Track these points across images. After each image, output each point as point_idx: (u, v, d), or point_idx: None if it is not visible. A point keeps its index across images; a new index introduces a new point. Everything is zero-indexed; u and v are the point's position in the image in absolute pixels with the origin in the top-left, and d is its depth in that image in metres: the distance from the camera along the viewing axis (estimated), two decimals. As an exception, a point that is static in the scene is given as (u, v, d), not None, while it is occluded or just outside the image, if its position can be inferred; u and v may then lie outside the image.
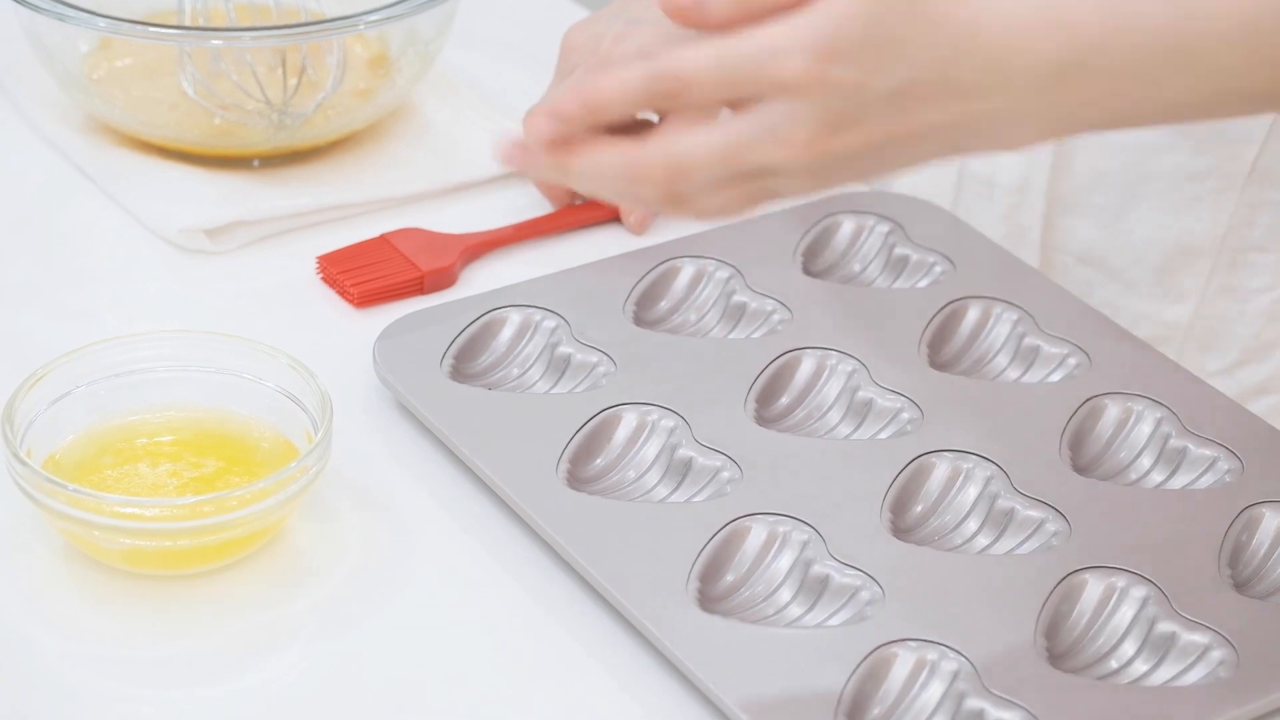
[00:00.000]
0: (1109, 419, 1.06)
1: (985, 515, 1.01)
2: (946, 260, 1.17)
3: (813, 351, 1.09)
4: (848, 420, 1.07)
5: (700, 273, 1.15)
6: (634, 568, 0.95)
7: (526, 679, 0.93)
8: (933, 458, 1.03)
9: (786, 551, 0.98)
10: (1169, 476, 1.04)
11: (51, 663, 0.93)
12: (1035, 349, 1.11)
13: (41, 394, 0.99)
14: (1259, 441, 1.04)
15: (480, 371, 1.09)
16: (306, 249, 1.19)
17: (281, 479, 0.95)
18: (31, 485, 0.95)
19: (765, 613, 0.96)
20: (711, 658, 0.91)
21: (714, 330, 1.13)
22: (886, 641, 0.92)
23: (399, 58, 1.29)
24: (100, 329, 1.03)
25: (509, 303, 1.11)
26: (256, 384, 1.02)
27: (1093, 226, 1.24)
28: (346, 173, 1.25)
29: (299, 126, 1.24)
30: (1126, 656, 0.94)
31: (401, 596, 0.97)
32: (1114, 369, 1.09)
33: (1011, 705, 0.89)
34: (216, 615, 0.95)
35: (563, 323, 1.10)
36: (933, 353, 1.11)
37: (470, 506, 1.02)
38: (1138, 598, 0.95)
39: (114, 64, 1.28)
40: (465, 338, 1.09)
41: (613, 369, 1.07)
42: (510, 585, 0.98)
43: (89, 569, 0.97)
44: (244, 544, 0.96)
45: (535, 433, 1.03)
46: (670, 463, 1.03)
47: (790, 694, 0.90)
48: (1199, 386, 1.08)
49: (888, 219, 1.20)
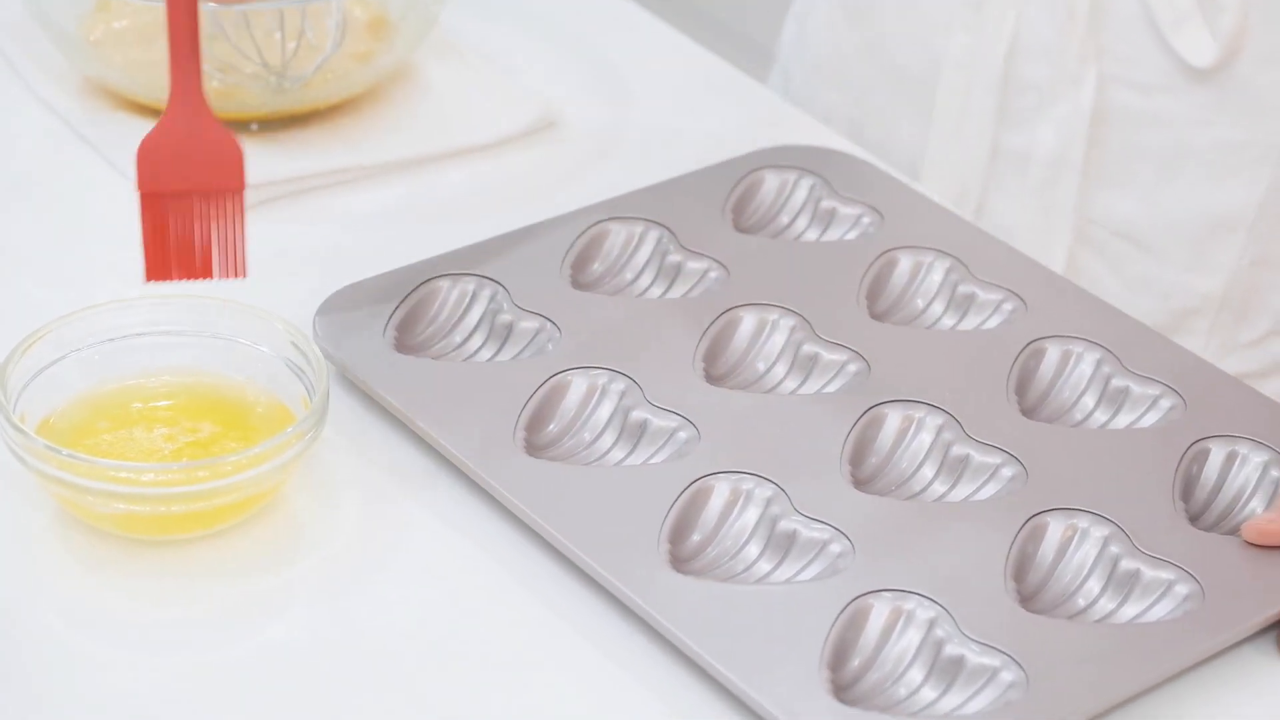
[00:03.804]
0: (1050, 361, 1.08)
1: (940, 463, 1.02)
2: (873, 211, 1.18)
3: (753, 308, 1.10)
4: (794, 375, 1.08)
5: (632, 234, 1.15)
6: (604, 533, 0.96)
7: (509, 647, 0.93)
8: (884, 408, 1.04)
9: (751, 508, 0.98)
10: (1113, 416, 1.06)
11: (44, 627, 0.93)
12: (970, 296, 1.12)
13: (36, 358, 0.98)
14: (1199, 377, 1.06)
15: (422, 342, 1.08)
16: (305, 213, 1.18)
17: (277, 444, 0.94)
18: (25, 450, 0.94)
19: (735, 570, 0.96)
20: (693, 620, 0.91)
21: (650, 290, 1.13)
22: (862, 593, 0.93)
23: (399, 20, 1.28)
24: (96, 293, 1.02)
25: (445, 271, 1.11)
26: (253, 348, 1.01)
27: (1128, 200, 1.25)
28: (345, 137, 1.24)
29: (297, 90, 1.22)
30: (1093, 595, 0.96)
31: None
32: (1050, 312, 1.10)
33: (991, 650, 0.91)
34: (210, 581, 0.95)
35: (501, 289, 1.10)
36: (870, 304, 1.12)
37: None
38: (1099, 537, 0.97)
39: (111, 26, 1.27)
40: (405, 308, 1.09)
41: (556, 334, 1.07)
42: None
43: (83, 534, 0.96)
44: (238, 509, 0.96)
45: (488, 402, 1.03)
46: (625, 425, 1.03)
47: (774, 651, 0.90)
48: (1135, 326, 1.10)
49: (811, 172, 1.20)
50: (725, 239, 1.15)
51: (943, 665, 0.91)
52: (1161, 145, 1.22)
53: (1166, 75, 1.20)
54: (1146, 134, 1.22)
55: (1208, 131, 1.21)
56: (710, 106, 1.32)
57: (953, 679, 0.91)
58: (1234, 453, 1.02)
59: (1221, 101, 1.21)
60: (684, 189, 1.19)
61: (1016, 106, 1.25)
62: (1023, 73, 1.24)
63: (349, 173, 1.22)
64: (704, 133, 1.27)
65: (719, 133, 1.27)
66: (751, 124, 1.29)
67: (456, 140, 1.24)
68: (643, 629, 0.94)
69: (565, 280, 1.12)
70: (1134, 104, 1.21)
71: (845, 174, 1.21)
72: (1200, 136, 1.21)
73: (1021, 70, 1.24)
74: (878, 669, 0.92)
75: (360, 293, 1.09)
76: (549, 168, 1.25)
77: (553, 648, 0.93)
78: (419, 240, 1.14)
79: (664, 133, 1.28)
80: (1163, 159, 1.23)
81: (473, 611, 0.95)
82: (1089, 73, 1.21)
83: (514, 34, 1.36)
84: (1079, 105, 1.22)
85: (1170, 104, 1.19)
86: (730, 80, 1.35)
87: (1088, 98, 1.21)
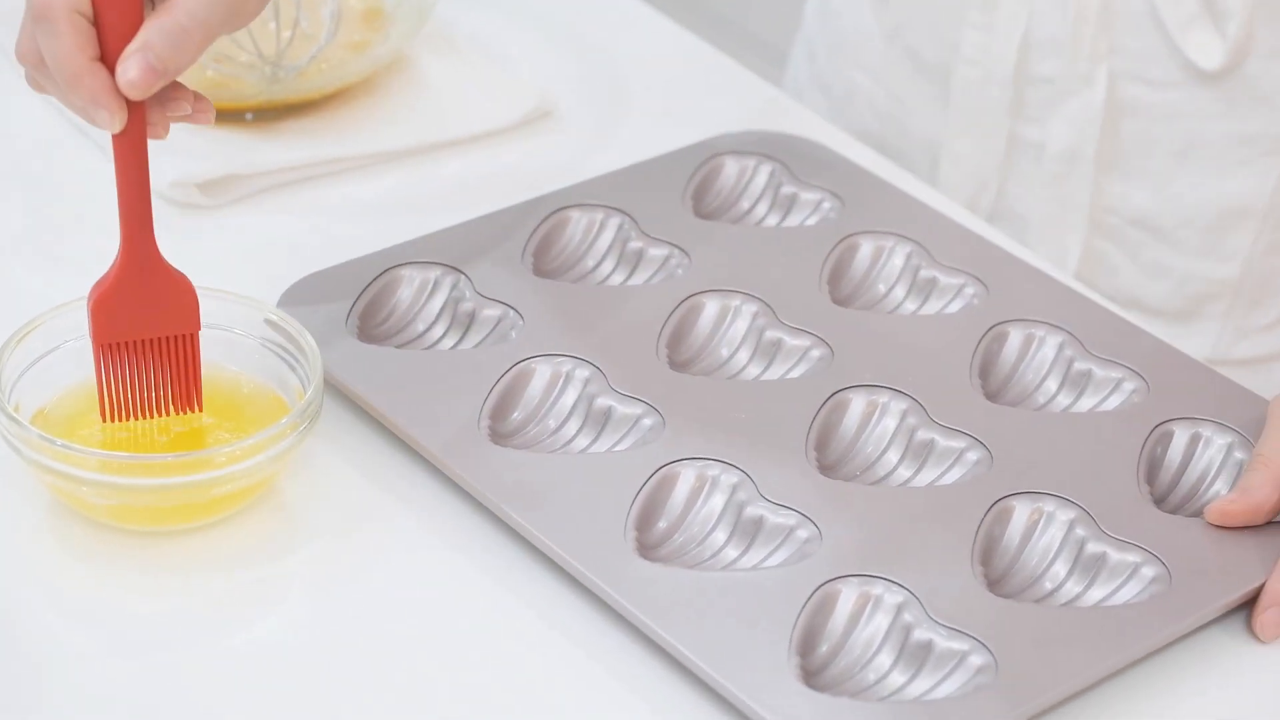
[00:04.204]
0: (1012, 345, 1.08)
1: (905, 447, 1.02)
2: (833, 196, 1.18)
3: (715, 294, 1.09)
4: (757, 360, 1.07)
5: (593, 221, 1.15)
6: (571, 521, 0.95)
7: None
8: (848, 394, 1.04)
9: (717, 494, 0.98)
10: (1076, 399, 1.06)
11: (37, 619, 0.92)
12: (932, 280, 1.12)
13: (29, 348, 0.98)
14: (1161, 360, 1.07)
15: (385, 331, 1.08)
16: (299, 203, 1.18)
17: (271, 435, 0.94)
18: (18, 440, 0.93)
19: (702, 556, 0.96)
20: (661, 607, 0.91)
21: (612, 277, 1.13)
22: (829, 579, 0.93)
23: (394, 10, 1.27)
24: (91, 282, 1.01)
25: (406, 260, 1.10)
26: (247, 339, 1.01)
27: (1142, 190, 1.25)
28: (340, 126, 1.23)
29: (292, 80, 1.22)
30: (1059, 578, 0.96)
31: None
32: (1011, 296, 1.11)
33: (959, 635, 0.91)
34: (204, 573, 0.95)
35: (463, 277, 1.10)
36: (832, 289, 1.12)
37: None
38: (1065, 520, 0.97)
39: None
40: (368, 297, 1.08)
41: (519, 321, 1.07)
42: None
43: (76, 525, 0.96)
44: (233, 500, 0.95)
45: (452, 391, 1.02)
46: (589, 412, 1.03)
47: (742, 637, 0.90)
48: (1097, 309, 1.10)
49: (771, 157, 1.20)
50: (686, 225, 1.15)
51: (911, 650, 0.92)
52: (1173, 137, 1.23)
53: (1177, 73, 1.21)
54: (1159, 127, 1.23)
55: (1219, 125, 1.22)
56: (706, 97, 1.31)
57: (921, 663, 0.91)
58: (1198, 435, 1.02)
59: (1232, 97, 1.22)
60: (644, 175, 1.18)
61: (1030, 99, 1.25)
62: (1035, 69, 1.24)
63: (343, 163, 1.21)
64: (699, 123, 1.26)
65: (714, 123, 1.26)
66: (748, 114, 1.29)
67: (451, 131, 1.24)
68: (611, 616, 0.94)
69: (527, 268, 1.11)
70: (1145, 98, 1.22)
71: (805, 159, 1.21)
72: (1211, 129, 1.22)
73: (1034, 66, 1.24)
74: (846, 654, 0.92)
75: (323, 281, 1.09)
76: (544, 158, 1.24)
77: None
78: (413, 231, 1.13)
79: (659, 123, 1.28)
80: (1175, 150, 1.23)
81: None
82: (1100, 71, 1.21)
83: (509, 25, 1.36)
84: (1091, 101, 1.22)
85: (1181, 99, 1.20)
86: (726, 70, 1.34)
87: (1099, 94, 1.22)
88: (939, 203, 1.21)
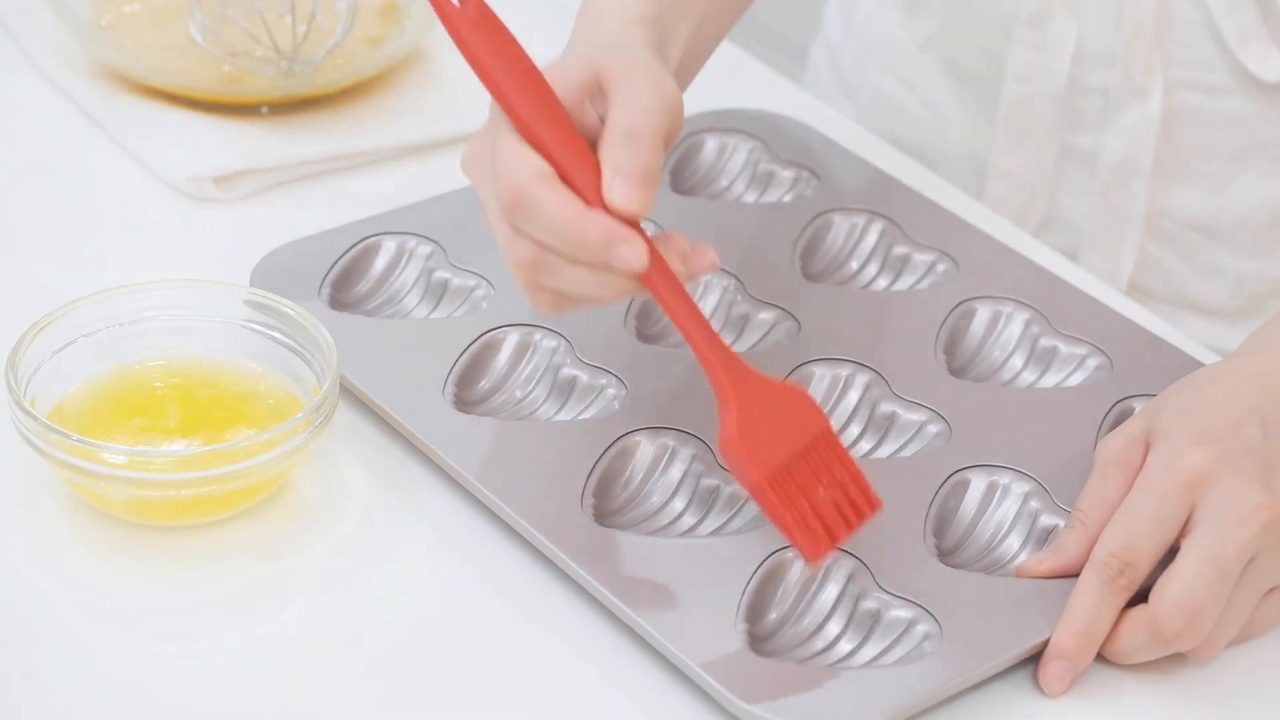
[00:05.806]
0: (980, 321, 1.09)
1: (867, 420, 1.03)
2: (811, 174, 1.19)
3: (687, 268, 1.10)
4: (725, 333, 1.08)
5: (570, 194, 1.16)
6: (530, 488, 0.96)
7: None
8: (812, 366, 1.04)
9: (676, 464, 0.99)
10: (1041, 375, 1.07)
11: (54, 613, 0.93)
12: (904, 257, 1.13)
13: (46, 343, 0.98)
14: (1126, 338, 1.07)
15: (358, 299, 1.09)
16: (314, 197, 1.18)
17: (287, 430, 0.94)
18: (36, 435, 0.94)
19: (659, 524, 0.97)
20: (614, 573, 0.92)
21: (587, 250, 1.14)
22: (781, 547, 0.94)
23: (409, 4, 1.28)
24: (107, 276, 1.02)
25: (383, 230, 1.12)
26: (263, 334, 1.01)
27: (1198, 194, 1.24)
28: (356, 121, 1.24)
29: (308, 74, 1.23)
30: (1013, 550, 0.97)
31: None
32: (980, 273, 1.11)
33: (906, 603, 0.92)
34: (221, 567, 0.95)
35: (438, 248, 1.11)
36: (804, 265, 1.12)
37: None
38: (1019, 493, 0.98)
39: (123, 10, 1.28)
40: (341, 266, 1.10)
41: (491, 292, 1.08)
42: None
43: (93, 520, 0.96)
44: (249, 494, 0.96)
45: (420, 358, 1.04)
46: (555, 382, 1.04)
47: (693, 603, 0.91)
48: (1064, 287, 1.11)
49: (751, 135, 1.21)
50: (663, 201, 1.16)
51: (860, 618, 0.92)
52: (1231, 141, 1.21)
53: (1234, 82, 1.20)
54: (1216, 133, 1.21)
55: (1275, 129, 1.21)
56: (719, 89, 1.30)
57: (869, 631, 0.92)
58: (1157, 411, 1.03)
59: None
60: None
61: (1082, 109, 1.24)
62: (1087, 80, 1.23)
63: (359, 157, 1.22)
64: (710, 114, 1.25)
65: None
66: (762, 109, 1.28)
67: (467, 124, 1.24)
68: (566, 582, 0.95)
69: (502, 240, 1.12)
70: (1203, 106, 1.20)
71: (785, 137, 1.21)
72: (1268, 132, 1.21)
73: (1086, 77, 1.23)
74: (795, 623, 0.93)
75: (297, 251, 1.10)
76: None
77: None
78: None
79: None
80: (1232, 153, 1.22)
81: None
82: (1155, 82, 1.20)
83: (523, 18, 1.36)
84: (1147, 112, 1.21)
85: (1239, 105, 1.19)
86: (740, 64, 1.33)
87: (1155, 105, 1.21)
88: (922, 185, 1.21)
